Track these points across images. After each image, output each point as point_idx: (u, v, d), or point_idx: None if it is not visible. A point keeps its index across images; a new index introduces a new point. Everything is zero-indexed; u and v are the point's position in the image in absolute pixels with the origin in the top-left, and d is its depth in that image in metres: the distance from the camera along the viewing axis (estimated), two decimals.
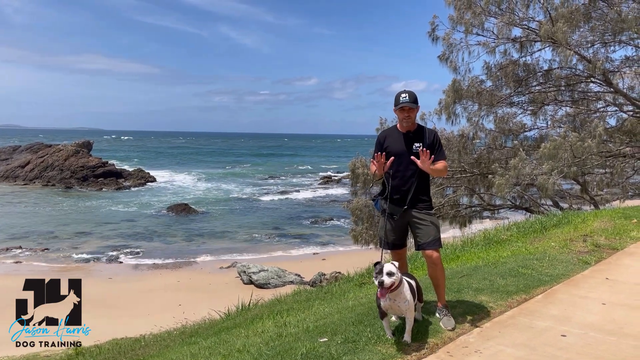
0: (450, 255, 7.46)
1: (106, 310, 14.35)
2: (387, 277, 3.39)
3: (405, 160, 4.06)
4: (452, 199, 16.34)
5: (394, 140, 4.17)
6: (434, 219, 4.12)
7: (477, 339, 3.74)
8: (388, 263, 3.50)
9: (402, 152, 4.08)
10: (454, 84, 14.56)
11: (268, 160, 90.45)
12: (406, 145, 4.08)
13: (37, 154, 50.21)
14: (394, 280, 3.42)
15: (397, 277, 3.45)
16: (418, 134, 4.12)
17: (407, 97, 4.02)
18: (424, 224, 4.05)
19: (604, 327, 4.03)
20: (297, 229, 29.25)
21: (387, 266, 3.45)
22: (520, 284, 5.05)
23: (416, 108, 4.10)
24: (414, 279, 3.88)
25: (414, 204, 4.07)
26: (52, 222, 29.38)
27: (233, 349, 3.95)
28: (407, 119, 4.08)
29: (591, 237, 7.24)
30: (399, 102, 4.04)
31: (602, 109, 15.38)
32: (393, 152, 4.11)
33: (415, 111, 4.11)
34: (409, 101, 4.01)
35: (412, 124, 4.13)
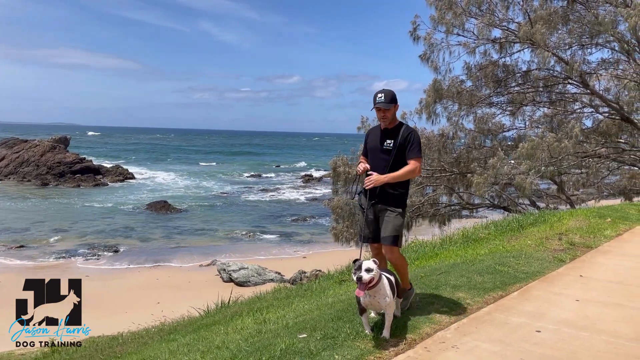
0: (429, 253, 7.54)
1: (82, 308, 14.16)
2: (365, 273, 3.41)
3: (377, 155, 4.21)
4: (432, 197, 16.51)
5: (373, 136, 4.33)
6: (396, 218, 4.15)
7: (454, 335, 3.79)
8: (367, 260, 3.52)
9: (375, 147, 4.24)
10: (435, 84, 14.70)
11: (249, 158, 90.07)
12: (380, 141, 4.21)
13: (12, 149, 49.24)
14: (373, 276, 3.43)
15: (376, 274, 3.46)
16: (393, 132, 4.21)
17: (383, 97, 4.11)
18: (386, 219, 4.16)
19: (578, 323, 4.12)
20: (278, 227, 29.20)
21: (365, 263, 3.47)
22: (497, 281, 5.13)
23: (392, 107, 4.16)
24: (393, 274, 3.91)
25: (382, 198, 4.16)
26: (28, 219, 28.83)
27: (212, 345, 3.94)
28: (384, 119, 4.19)
29: (566, 236, 7.39)
30: (375, 102, 4.14)
31: (578, 110, 15.69)
32: (369, 148, 4.33)
33: (391, 111, 4.17)
34: (384, 101, 4.10)
35: (390, 122, 4.22)
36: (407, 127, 4.25)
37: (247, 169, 67.78)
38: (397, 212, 4.17)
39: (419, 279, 5.23)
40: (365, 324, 3.70)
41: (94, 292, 16.06)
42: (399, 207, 4.19)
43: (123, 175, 50.31)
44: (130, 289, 16.55)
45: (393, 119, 4.23)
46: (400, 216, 4.20)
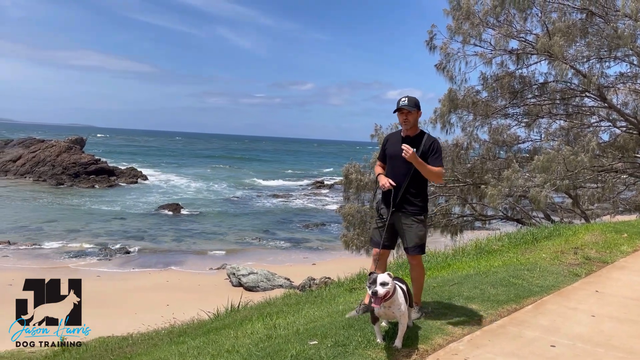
0: (442, 264, 7.48)
1: (93, 309, 14.16)
2: (380, 287, 3.39)
3: (399, 163, 4.15)
4: (445, 207, 16.39)
5: (393, 142, 4.30)
6: (419, 226, 4.15)
7: (467, 347, 3.74)
8: (382, 273, 3.50)
9: (397, 154, 4.16)
10: (450, 94, 14.63)
11: (261, 163, 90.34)
12: (401, 148, 4.13)
13: (29, 149, 49.86)
14: (388, 289, 3.42)
15: (391, 287, 3.45)
16: (416, 139, 4.18)
17: (407, 100, 4.12)
18: (408, 229, 4.13)
19: (593, 339, 4.05)
20: (288, 233, 29.20)
21: (381, 276, 3.44)
22: (511, 293, 5.06)
23: (415, 112, 4.15)
24: (405, 283, 3.88)
25: (402, 207, 4.14)
26: (42, 218, 29.14)
27: (222, 349, 3.93)
28: (405, 122, 4.16)
29: (582, 250, 7.29)
30: (399, 104, 4.14)
31: (595, 124, 15.52)
32: (389, 154, 4.28)
33: (414, 115, 4.16)
34: (407, 104, 4.10)
35: (412, 129, 4.21)
36: (429, 136, 4.23)
37: (259, 174, 67.95)
38: (420, 220, 4.18)
39: (431, 289, 5.18)
40: (377, 333, 3.66)
41: (105, 293, 16.18)
42: (421, 215, 4.19)
43: (137, 177, 50.72)
44: (141, 291, 16.62)
45: (414, 126, 4.22)
46: (423, 224, 4.20)
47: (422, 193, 4.21)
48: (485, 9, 14.24)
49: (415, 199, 4.15)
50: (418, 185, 4.19)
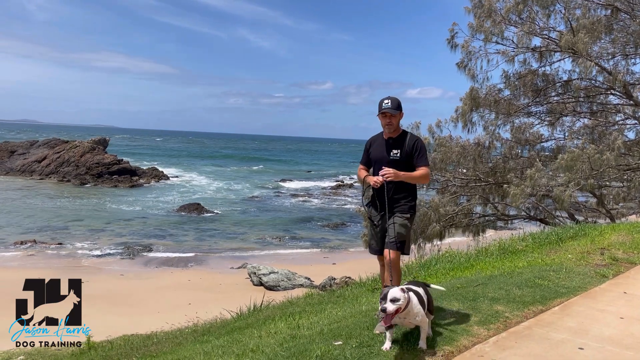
0: (465, 264, 7.42)
1: (117, 307, 14.46)
2: (390, 304, 3.27)
3: (384, 165, 4.15)
4: (466, 207, 16.23)
5: (377, 146, 4.28)
6: (403, 222, 4.12)
7: (493, 349, 3.71)
8: (395, 288, 3.37)
9: (381, 158, 4.19)
10: (472, 92, 14.50)
11: (280, 162, 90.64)
12: (386, 152, 4.18)
13: (54, 150, 50.81)
14: (400, 305, 3.29)
15: (403, 302, 3.31)
16: (399, 140, 4.17)
17: (390, 103, 4.09)
18: (391, 227, 4.10)
19: (622, 342, 3.98)
20: (308, 232, 29.25)
21: (392, 292, 3.31)
22: (537, 294, 5.00)
23: (398, 114, 4.14)
24: (422, 286, 3.76)
25: (391, 209, 4.13)
26: (66, 218, 29.68)
27: (247, 348, 3.96)
28: (389, 126, 4.14)
29: (609, 251, 7.15)
30: (381, 107, 4.10)
31: (621, 122, 15.21)
32: (374, 158, 4.29)
33: (397, 117, 4.15)
34: (390, 107, 4.08)
35: (394, 131, 4.18)
36: (411, 136, 4.22)
37: (279, 173, 68.20)
38: (404, 218, 4.15)
39: (455, 290, 5.15)
40: (387, 338, 3.55)
41: (128, 292, 16.43)
42: (407, 213, 4.17)
43: (158, 176, 51.35)
44: (163, 290, 16.82)
45: (397, 127, 4.20)
46: (407, 221, 4.16)
47: (410, 194, 4.21)
48: (508, 6, 14.08)
49: (403, 201, 4.16)
50: (405, 188, 4.19)
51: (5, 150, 52.59)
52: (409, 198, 4.19)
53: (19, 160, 50.37)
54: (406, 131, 4.28)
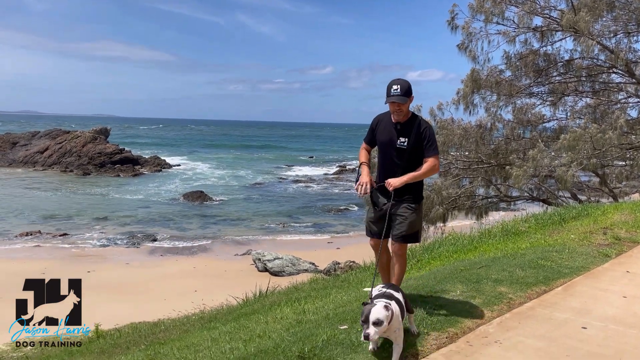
0: (468, 246, 7.45)
1: (123, 295, 14.60)
2: (373, 330, 2.88)
3: (390, 152, 3.99)
4: (469, 189, 16.25)
5: (383, 129, 4.04)
6: (411, 214, 3.94)
7: (497, 330, 3.75)
8: (377, 306, 2.95)
9: (388, 143, 3.99)
10: (473, 74, 14.43)
11: (282, 148, 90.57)
12: (392, 137, 3.96)
13: (56, 140, 50.85)
14: (384, 328, 2.93)
15: (386, 325, 2.94)
16: (407, 127, 3.93)
17: (399, 89, 3.82)
18: (400, 218, 3.94)
19: (625, 320, 4.01)
20: (311, 218, 29.34)
21: (374, 312, 2.91)
22: (540, 275, 5.03)
23: (408, 101, 3.88)
24: (400, 291, 3.46)
25: (396, 196, 3.93)
26: (70, 208, 29.82)
27: (254, 334, 4.01)
28: (398, 112, 3.91)
29: (611, 230, 7.17)
30: (390, 94, 3.85)
31: (623, 100, 15.15)
32: (380, 142, 4.07)
33: (407, 104, 3.90)
34: (399, 94, 3.82)
35: (404, 116, 3.95)
36: (421, 121, 3.97)
37: (281, 159, 68.21)
38: (413, 209, 3.97)
39: (459, 272, 5.18)
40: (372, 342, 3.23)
41: (134, 280, 16.57)
42: (414, 204, 3.99)
43: (160, 165, 51.44)
44: (169, 277, 16.95)
45: (407, 112, 3.96)
46: (416, 213, 3.99)
47: (417, 182, 3.99)
48: None
49: (410, 188, 3.94)
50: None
51: (7, 141, 52.65)
52: (415, 186, 3.99)
53: (21, 151, 50.45)
54: (416, 115, 4.02)
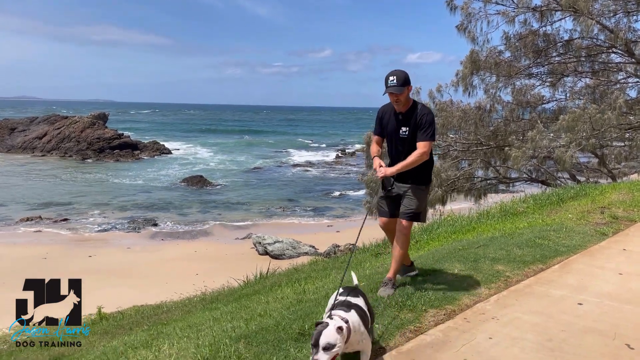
0: (467, 227, 7.51)
1: (125, 279, 14.72)
2: (323, 355, 2.52)
3: (395, 142, 4.17)
4: (467, 172, 16.27)
5: (388, 119, 4.21)
6: (418, 194, 4.12)
7: (494, 307, 3.81)
8: (329, 328, 2.59)
9: (393, 133, 4.17)
10: (472, 55, 14.36)
11: (282, 132, 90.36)
12: (396, 127, 4.13)
13: (54, 126, 50.71)
14: (336, 352, 2.57)
15: (339, 348, 2.58)
16: (408, 116, 4.08)
17: (395, 80, 3.93)
18: (407, 197, 4.12)
19: (621, 296, 4.07)
20: (311, 202, 29.42)
21: (326, 335, 2.56)
22: (537, 254, 5.09)
23: (405, 90, 3.99)
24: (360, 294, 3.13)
25: (403, 179, 4.14)
26: (71, 193, 29.88)
27: (255, 313, 4.07)
28: (397, 103, 4.05)
29: (609, 209, 7.22)
30: (387, 85, 3.97)
31: (622, 81, 15.11)
32: (387, 132, 4.25)
33: (404, 94, 4.00)
34: (396, 85, 3.93)
35: (403, 106, 4.07)
36: (421, 109, 4.09)
37: (280, 144, 68.11)
38: (421, 189, 4.15)
39: (457, 252, 5.24)
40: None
41: (136, 264, 16.68)
42: (422, 185, 4.16)
43: (160, 150, 51.36)
44: (170, 261, 17.06)
45: (407, 101, 4.07)
46: (423, 193, 4.17)
47: (424, 165, 4.13)
48: None
49: (416, 171, 4.10)
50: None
51: (6, 127, 52.49)
52: (422, 169, 4.14)
53: (20, 137, 50.34)
54: (417, 103, 4.15)
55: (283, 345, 3.06)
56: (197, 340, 3.40)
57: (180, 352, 3.23)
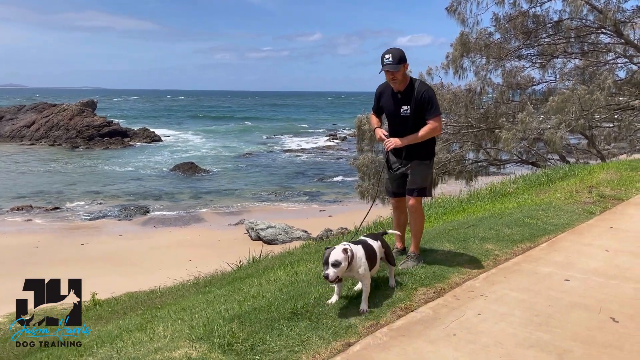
0: (457, 208, 7.58)
1: (118, 267, 14.73)
2: (332, 270, 3.16)
3: (395, 121, 4.19)
4: (458, 154, 16.36)
5: (387, 99, 4.22)
6: (422, 169, 4.19)
7: (483, 284, 3.88)
8: (336, 250, 3.23)
9: (393, 112, 4.19)
10: (462, 37, 14.35)
11: (272, 118, 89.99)
12: (395, 106, 4.13)
13: (42, 114, 50.19)
14: (341, 270, 3.20)
15: (345, 266, 3.21)
16: (407, 94, 4.08)
17: (391, 58, 3.94)
18: (413, 173, 4.19)
19: (607, 272, 4.16)
20: (303, 187, 29.45)
21: (334, 254, 3.19)
22: (526, 233, 5.16)
23: (402, 68, 3.98)
24: (379, 239, 3.71)
25: (409, 157, 4.19)
26: (61, 182, 29.69)
27: (248, 295, 4.10)
28: (393, 81, 4.05)
29: (597, 189, 7.32)
30: (383, 64, 3.98)
31: (611, 61, 15.17)
32: (386, 112, 4.28)
33: (400, 72, 4.00)
34: (392, 62, 3.94)
35: (400, 84, 4.07)
36: (420, 85, 4.10)
37: (272, 129, 67.89)
38: (425, 164, 4.21)
39: (447, 232, 5.30)
40: (336, 292, 3.51)
41: (129, 251, 16.68)
42: (427, 160, 4.22)
43: (150, 137, 51.02)
44: (163, 248, 17.08)
45: (404, 79, 4.07)
46: (427, 167, 4.23)
47: (428, 141, 4.17)
48: None
49: (419, 147, 4.15)
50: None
51: None
52: (425, 145, 4.17)
53: (8, 126, 49.82)
54: (414, 80, 4.15)
55: (276, 324, 3.11)
56: (191, 322, 3.44)
57: (174, 333, 3.26)
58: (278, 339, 2.91)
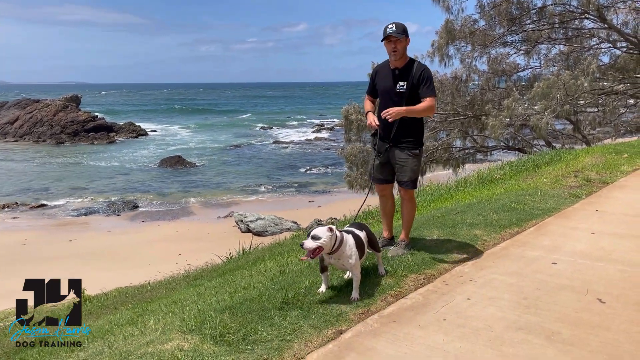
0: (445, 195, 7.63)
1: (107, 262, 14.64)
2: (309, 241, 3.16)
3: (390, 97, 4.06)
4: (446, 142, 16.44)
5: (383, 76, 4.15)
6: (413, 160, 4.13)
7: (472, 269, 3.92)
8: (321, 227, 3.26)
9: (388, 89, 4.08)
10: (447, 25, 14.37)
11: (259, 110, 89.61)
12: (392, 83, 4.04)
13: (26, 110, 49.49)
14: (321, 244, 3.16)
15: (324, 242, 3.16)
16: (405, 71, 4.02)
17: (394, 27, 3.90)
18: (403, 164, 4.13)
19: (593, 255, 4.22)
20: (292, 178, 29.42)
21: (316, 230, 3.21)
22: (513, 218, 5.21)
23: (404, 39, 3.94)
24: (364, 229, 3.71)
25: (398, 142, 4.10)
26: (47, 178, 29.37)
27: (239, 286, 4.11)
28: (394, 52, 3.96)
29: (582, 173, 7.40)
30: (386, 32, 3.93)
31: (595, 46, 15.30)
32: (380, 89, 4.18)
33: (403, 43, 3.95)
34: (395, 31, 3.88)
35: (400, 59, 4.01)
36: (419, 65, 4.06)
37: (259, 121, 67.61)
38: (415, 155, 4.14)
39: (435, 219, 5.33)
40: (323, 282, 3.51)
41: (118, 247, 16.58)
42: (416, 149, 4.15)
43: (136, 132, 50.57)
44: (152, 243, 17.00)
45: (403, 55, 4.01)
46: (417, 159, 4.17)
47: (417, 126, 4.14)
48: None
49: (410, 132, 4.10)
50: (413, 119, 4.09)
51: None
52: (415, 130, 4.13)
53: None
54: (413, 59, 4.10)
55: (267, 314, 3.12)
56: (183, 315, 3.44)
57: (166, 326, 3.26)
58: (270, 328, 2.92)
